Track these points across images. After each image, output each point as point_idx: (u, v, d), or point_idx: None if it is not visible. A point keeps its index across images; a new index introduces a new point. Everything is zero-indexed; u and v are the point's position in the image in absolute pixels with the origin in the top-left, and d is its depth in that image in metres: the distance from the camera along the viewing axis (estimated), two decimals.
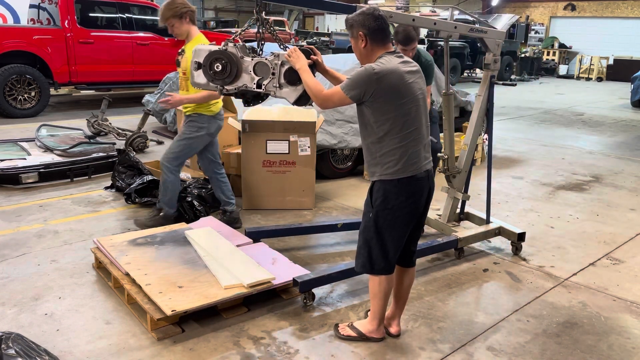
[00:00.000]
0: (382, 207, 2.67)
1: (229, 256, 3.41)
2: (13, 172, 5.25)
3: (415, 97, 2.63)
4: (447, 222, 4.26)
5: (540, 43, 23.58)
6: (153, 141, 7.21)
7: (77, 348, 2.78)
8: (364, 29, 2.65)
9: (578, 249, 4.34)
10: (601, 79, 20.76)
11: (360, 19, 2.66)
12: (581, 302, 3.49)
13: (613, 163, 7.35)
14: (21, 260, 3.76)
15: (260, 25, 3.18)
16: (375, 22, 2.64)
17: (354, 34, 2.70)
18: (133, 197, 4.85)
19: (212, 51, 3.09)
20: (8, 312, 3.10)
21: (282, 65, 3.06)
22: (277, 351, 2.83)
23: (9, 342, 2.28)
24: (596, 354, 2.94)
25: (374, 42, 2.67)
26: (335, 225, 4.20)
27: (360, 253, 2.80)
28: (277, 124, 4.81)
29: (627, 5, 21.86)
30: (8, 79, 8.49)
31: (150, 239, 3.73)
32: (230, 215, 4.45)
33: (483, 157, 6.85)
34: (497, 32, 3.91)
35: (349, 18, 2.72)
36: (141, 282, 3.10)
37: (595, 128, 10.15)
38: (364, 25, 2.65)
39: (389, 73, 2.56)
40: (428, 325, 3.13)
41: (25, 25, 9.91)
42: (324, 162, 5.73)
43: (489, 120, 4.20)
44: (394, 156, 2.61)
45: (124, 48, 9.78)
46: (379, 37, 2.66)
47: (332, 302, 3.34)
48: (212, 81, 3.13)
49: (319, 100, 2.75)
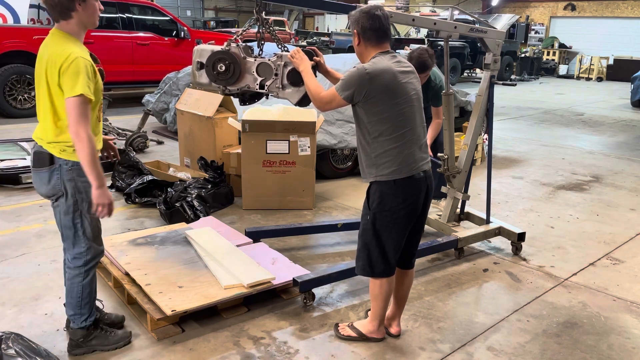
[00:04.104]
0: (379, 209, 2.66)
1: (229, 256, 3.41)
2: (13, 172, 5.25)
3: (409, 97, 2.63)
4: (447, 222, 4.26)
5: (540, 43, 23.57)
6: (153, 141, 7.21)
7: (77, 348, 2.78)
8: (358, 27, 2.67)
9: (578, 249, 4.34)
10: (601, 79, 20.75)
11: (357, 17, 2.67)
12: (581, 302, 3.49)
13: (613, 163, 7.35)
14: (21, 260, 3.76)
15: (260, 25, 3.18)
16: (369, 21, 2.63)
17: (352, 30, 2.74)
18: (133, 197, 4.85)
19: (215, 51, 3.09)
20: (8, 312, 3.10)
21: (285, 66, 3.06)
22: (277, 351, 2.83)
23: (9, 342, 2.28)
24: (596, 354, 2.94)
25: (366, 41, 2.67)
26: (335, 225, 4.20)
27: (359, 256, 2.80)
28: (277, 124, 4.81)
29: (627, 5, 21.85)
30: (8, 79, 8.49)
31: (150, 239, 3.73)
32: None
33: (483, 157, 6.85)
34: (497, 32, 3.91)
35: (350, 14, 2.74)
36: (141, 282, 3.10)
37: (595, 128, 10.15)
38: (359, 23, 2.66)
39: (381, 73, 2.56)
40: (428, 325, 3.13)
41: (25, 25, 9.90)
42: (324, 162, 5.73)
43: (489, 120, 4.20)
44: (389, 157, 2.61)
45: (124, 48, 9.78)
46: (373, 36, 2.66)
47: (332, 302, 3.34)
48: (215, 81, 3.13)
49: (319, 104, 2.76)
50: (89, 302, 2.70)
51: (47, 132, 2.47)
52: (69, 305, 2.69)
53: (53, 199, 2.55)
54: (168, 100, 7.98)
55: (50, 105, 2.42)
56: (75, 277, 2.63)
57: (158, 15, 10.59)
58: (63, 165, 2.47)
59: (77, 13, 2.41)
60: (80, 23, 2.45)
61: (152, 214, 4.70)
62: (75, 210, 2.53)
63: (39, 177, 2.52)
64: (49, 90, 2.40)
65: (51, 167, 2.47)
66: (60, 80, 2.34)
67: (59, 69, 2.33)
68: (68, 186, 2.49)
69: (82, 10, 2.42)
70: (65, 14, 2.40)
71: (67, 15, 2.41)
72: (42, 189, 2.54)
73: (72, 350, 2.71)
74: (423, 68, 4.05)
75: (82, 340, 2.71)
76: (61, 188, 2.49)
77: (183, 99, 5.85)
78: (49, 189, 2.51)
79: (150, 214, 4.70)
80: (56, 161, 2.47)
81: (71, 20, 2.43)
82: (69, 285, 2.66)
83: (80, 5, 2.40)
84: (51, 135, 2.46)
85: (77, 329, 2.70)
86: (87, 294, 2.67)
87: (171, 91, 7.90)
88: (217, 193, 4.82)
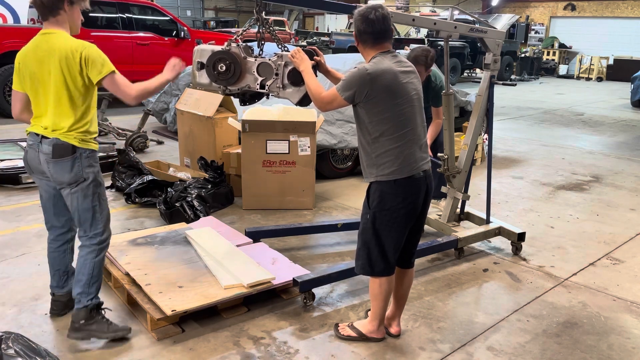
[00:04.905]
0: (379, 208, 2.66)
1: (229, 256, 3.41)
2: (13, 172, 5.25)
3: (409, 97, 2.63)
4: (447, 222, 4.26)
5: (540, 43, 23.58)
6: (153, 141, 7.21)
7: (77, 348, 2.78)
8: (355, 29, 2.69)
9: (578, 249, 4.34)
10: (601, 79, 20.75)
11: (355, 18, 2.68)
12: (581, 302, 3.49)
13: (613, 163, 7.35)
14: (21, 260, 3.76)
15: (260, 25, 3.18)
16: (363, 24, 2.63)
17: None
18: (133, 197, 4.85)
19: (215, 51, 3.09)
20: (8, 312, 3.10)
21: (286, 66, 3.06)
22: (277, 351, 2.83)
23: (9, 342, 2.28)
24: (596, 354, 2.94)
25: (364, 43, 2.69)
26: (335, 225, 4.20)
27: (359, 255, 2.80)
28: (277, 124, 4.81)
29: (627, 5, 21.85)
30: (8, 78, 8.48)
31: (150, 239, 3.73)
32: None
33: (483, 157, 6.85)
34: (497, 32, 3.91)
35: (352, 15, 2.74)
36: (141, 282, 3.10)
37: (595, 128, 10.15)
38: (356, 25, 2.68)
39: (382, 73, 2.56)
40: (428, 325, 3.13)
41: (25, 25, 9.90)
42: (324, 162, 5.73)
43: (489, 120, 4.20)
44: (390, 157, 2.61)
45: (124, 48, 9.78)
46: (368, 39, 2.66)
47: (332, 302, 3.34)
48: (216, 81, 3.13)
49: (320, 104, 2.76)
50: (97, 282, 2.82)
51: (62, 122, 2.63)
52: (77, 284, 2.79)
53: (73, 186, 2.69)
54: (168, 100, 7.98)
55: (67, 96, 2.61)
56: (89, 254, 2.79)
57: (158, 15, 10.59)
58: (83, 153, 2.68)
59: (64, 13, 2.63)
60: (66, 23, 2.67)
61: (152, 214, 4.70)
62: (94, 193, 2.74)
63: (60, 167, 2.66)
64: (65, 81, 2.59)
65: (73, 156, 2.66)
66: (85, 67, 2.58)
67: (79, 59, 2.56)
68: (89, 172, 2.71)
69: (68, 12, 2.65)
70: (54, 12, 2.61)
71: (56, 13, 2.62)
72: (64, 177, 2.68)
73: (72, 334, 2.78)
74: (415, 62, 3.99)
75: (83, 323, 2.77)
76: (82, 175, 2.69)
77: (183, 99, 5.85)
78: (72, 177, 2.68)
79: (150, 214, 4.70)
80: (77, 150, 2.66)
81: (59, 18, 2.64)
82: (82, 263, 2.79)
83: (67, 7, 2.63)
84: (68, 123, 2.63)
85: (81, 308, 2.77)
86: (97, 272, 2.81)
87: (171, 91, 7.90)
88: (217, 193, 4.82)
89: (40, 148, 2.67)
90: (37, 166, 2.74)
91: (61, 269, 2.99)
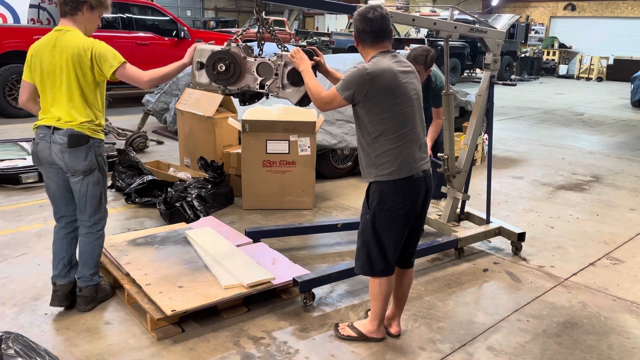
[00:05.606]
0: (378, 208, 2.66)
1: (229, 256, 3.41)
2: (13, 172, 5.25)
3: (409, 97, 2.63)
4: (447, 222, 4.26)
5: (540, 43, 23.58)
6: (153, 141, 7.21)
7: (77, 348, 2.79)
8: (355, 28, 2.69)
9: (578, 249, 4.34)
10: (601, 79, 20.75)
11: (354, 18, 2.69)
12: (581, 302, 3.49)
13: (613, 163, 7.35)
14: (21, 260, 3.76)
15: (260, 25, 3.18)
16: (362, 24, 2.64)
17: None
18: (133, 197, 4.85)
19: (215, 51, 3.09)
20: (8, 312, 3.10)
21: (285, 66, 3.06)
22: (277, 351, 2.83)
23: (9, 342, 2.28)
24: (596, 354, 2.94)
25: (363, 42, 2.69)
26: (335, 225, 4.20)
27: (359, 255, 2.80)
28: (277, 124, 4.81)
29: (627, 5, 21.85)
30: (8, 79, 8.49)
31: (150, 239, 3.73)
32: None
33: (483, 157, 6.85)
34: (497, 32, 3.91)
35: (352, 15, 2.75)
36: (141, 282, 3.10)
37: (595, 128, 10.15)
38: (355, 25, 2.68)
39: (382, 73, 2.56)
40: (428, 325, 3.13)
41: (25, 25, 9.90)
42: (324, 162, 5.73)
43: (489, 120, 4.20)
44: (389, 157, 2.61)
45: (124, 48, 9.74)
46: (367, 38, 2.66)
47: (332, 302, 3.34)
48: (215, 81, 3.13)
49: (320, 104, 2.76)
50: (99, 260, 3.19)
51: (76, 115, 2.84)
52: (87, 266, 3.09)
53: (87, 173, 2.91)
54: (168, 100, 7.98)
55: (79, 90, 2.83)
56: (97, 240, 3.09)
57: (158, 15, 10.59)
58: (95, 143, 2.92)
59: (82, 15, 2.86)
60: (82, 24, 2.89)
61: (152, 214, 4.70)
62: (102, 181, 3.01)
63: (75, 156, 2.86)
64: (77, 77, 2.81)
65: (87, 145, 2.88)
66: (97, 61, 2.81)
67: (90, 56, 2.79)
68: (99, 160, 2.96)
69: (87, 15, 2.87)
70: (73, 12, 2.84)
71: (74, 13, 2.84)
72: (79, 166, 2.88)
73: (86, 307, 3.10)
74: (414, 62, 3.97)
75: (95, 296, 3.14)
76: (95, 162, 2.93)
77: (183, 99, 5.85)
78: (86, 165, 2.89)
79: (150, 214, 4.70)
80: (90, 140, 2.89)
81: (77, 18, 2.86)
82: (91, 248, 3.08)
83: (87, 10, 2.86)
84: (82, 116, 2.85)
85: (92, 286, 3.12)
86: (100, 252, 3.16)
87: (171, 91, 7.89)
88: (217, 193, 4.82)
89: (53, 139, 2.84)
90: (48, 157, 2.90)
91: (66, 258, 3.12)
